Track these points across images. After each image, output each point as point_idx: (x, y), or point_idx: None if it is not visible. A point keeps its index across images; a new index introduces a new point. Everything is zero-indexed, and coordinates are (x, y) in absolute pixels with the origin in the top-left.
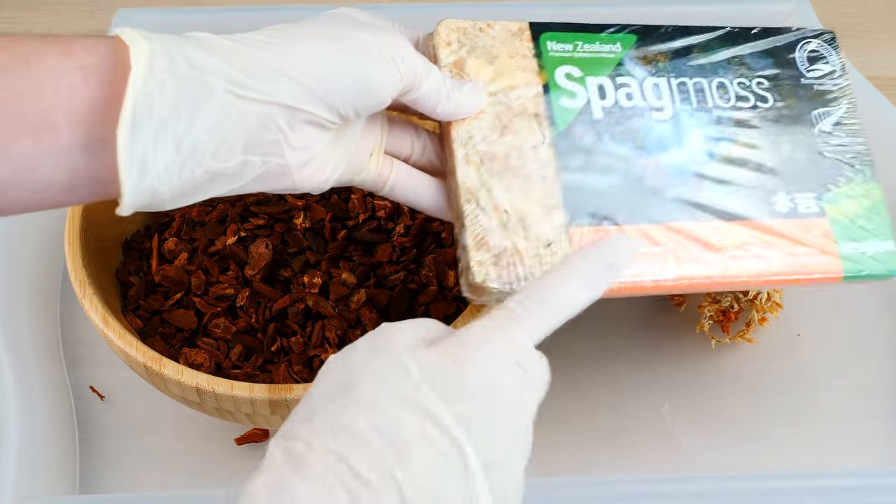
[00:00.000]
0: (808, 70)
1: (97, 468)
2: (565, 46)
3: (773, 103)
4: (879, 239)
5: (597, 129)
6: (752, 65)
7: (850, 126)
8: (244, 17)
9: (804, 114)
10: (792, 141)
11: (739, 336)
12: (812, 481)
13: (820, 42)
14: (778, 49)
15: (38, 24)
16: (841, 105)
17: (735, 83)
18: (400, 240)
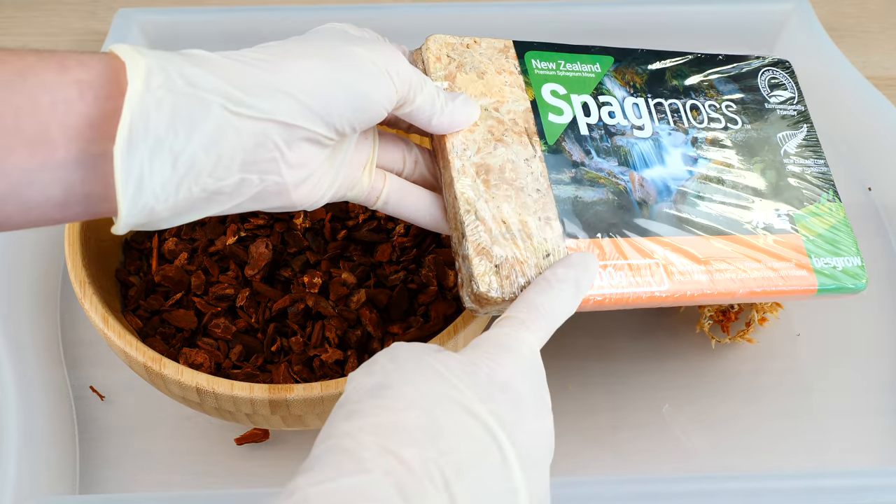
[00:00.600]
0: (770, 95)
1: (97, 468)
2: (549, 65)
3: (741, 125)
4: (847, 255)
5: (584, 145)
6: (720, 89)
7: (811, 148)
8: (244, 17)
9: (771, 136)
10: (762, 161)
11: (739, 336)
12: (812, 481)
13: (778, 70)
14: (741, 75)
15: (38, 24)
16: (802, 129)
17: (707, 105)
18: (400, 240)
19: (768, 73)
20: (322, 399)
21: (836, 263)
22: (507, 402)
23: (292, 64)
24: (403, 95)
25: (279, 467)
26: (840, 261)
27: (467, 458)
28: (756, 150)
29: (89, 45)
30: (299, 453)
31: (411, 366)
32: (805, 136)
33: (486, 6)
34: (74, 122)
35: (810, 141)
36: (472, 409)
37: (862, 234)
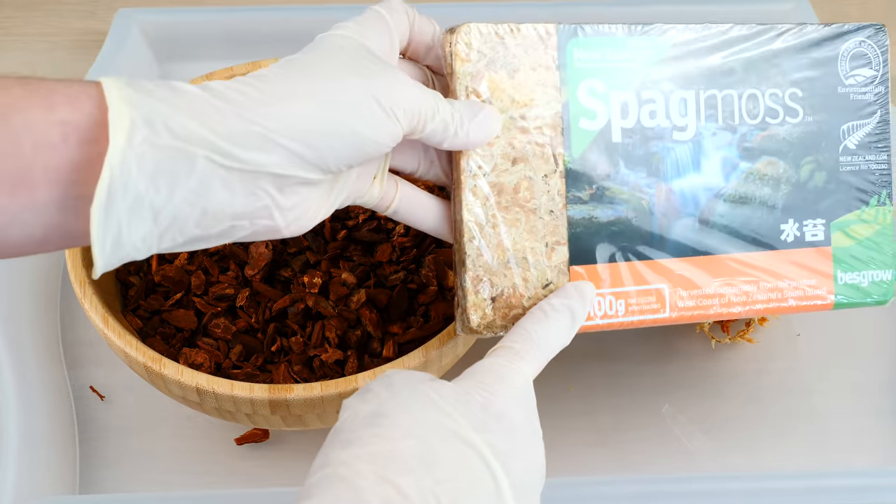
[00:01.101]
0: (848, 76)
1: (97, 468)
2: (593, 55)
3: (802, 117)
4: (880, 268)
5: (612, 155)
6: (787, 69)
7: (876, 142)
8: (244, 17)
9: (833, 129)
10: (814, 161)
11: (739, 336)
12: (812, 481)
13: (869, 41)
14: (821, 44)
15: (38, 24)
16: (873, 118)
17: (767, 94)
18: (400, 240)
19: (854, 44)
20: (322, 399)
21: (863, 279)
22: (502, 431)
23: (285, 108)
24: (411, 129)
25: (279, 467)
26: (869, 274)
27: (463, 487)
28: (811, 147)
29: (89, 45)
30: (299, 453)
31: (407, 394)
32: (875, 127)
33: (486, 6)
34: (57, 164)
35: (879, 132)
36: (468, 438)
37: None
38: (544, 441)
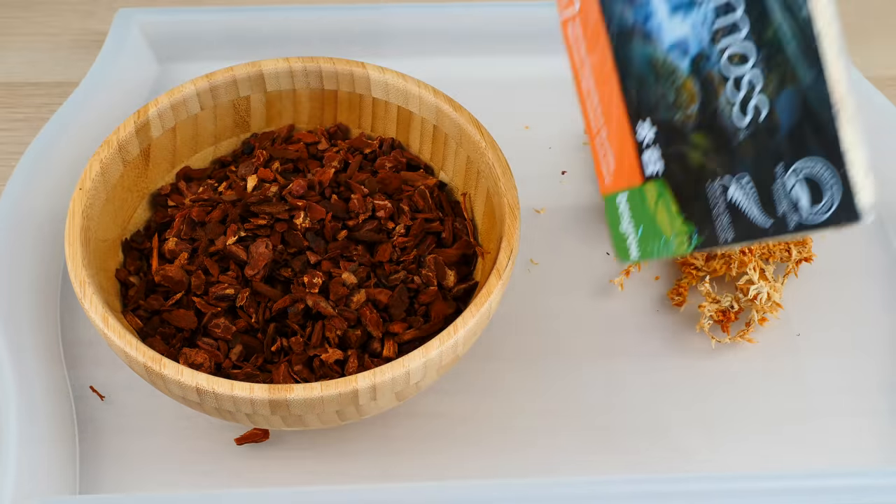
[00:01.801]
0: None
1: (97, 468)
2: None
3: (744, 126)
4: (633, 226)
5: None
6: (778, 99)
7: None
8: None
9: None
10: (722, 151)
11: (739, 336)
12: (812, 481)
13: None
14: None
15: (38, 24)
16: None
17: (748, 76)
18: (400, 240)
19: (824, 182)
20: (322, 399)
21: (626, 225)
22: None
23: None
24: None
25: (279, 467)
26: (629, 226)
27: None
28: (720, 143)
29: (89, 45)
30: (299, 453)
31: None
32: None
33: (486, 6)
34: None
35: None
36: None
37: (862, 234)
38: (543, 441)
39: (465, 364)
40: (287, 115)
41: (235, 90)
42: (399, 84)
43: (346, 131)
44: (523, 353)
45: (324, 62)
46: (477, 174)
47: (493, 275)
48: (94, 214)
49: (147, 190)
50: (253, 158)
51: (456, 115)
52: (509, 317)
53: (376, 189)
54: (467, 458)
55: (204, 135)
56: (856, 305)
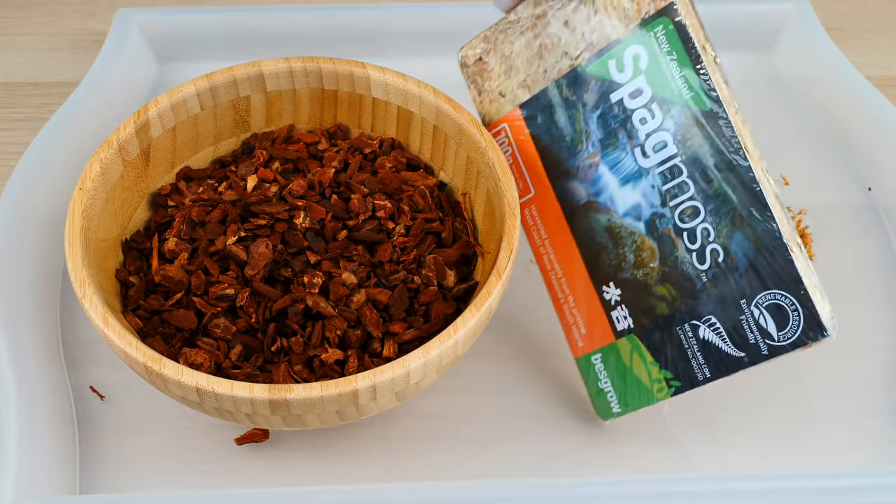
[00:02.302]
0: (757, 313)
1: (97, 468)
2: (664, 45)
3: (704, 269)
4: (618, 397)
5: (600, 101)
6: (731, 242)
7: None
8: (244, 17)
9: (698, 308)
10: (669, 295)
11: None
12: (811, 481)
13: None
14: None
15: (38, 24)
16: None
17: (701, 227)
18: (400, 240)
19: (787, 308)
20: (322, 399)
21: (605, 384)
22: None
23: None
24: None
25: (279, 467)
26: (609, 387)
27: None
28: (684, 289)
29: (89, 45)
30: (299, 453)
31: None
32: (729, 356)
33: (487, 6)
34: None
35: (727, 361)
36: None
37: (862, 234)
38: (543, 441)
39: (465, 364)
40: (287, 115)
41: (235, 90)
42: (399, 84)
43: (346, 131)
44: (523, 354)
45: (324, 62)
46: (477, 174)
47: (493, 275)
48: (94, 214)
49: (147, 190)
50: (253, 158)
51: (456, 115)
52: (509, 317)
53: (376, 189)
54: (467, 458)
55: (204, 135)
56: (855, 305)
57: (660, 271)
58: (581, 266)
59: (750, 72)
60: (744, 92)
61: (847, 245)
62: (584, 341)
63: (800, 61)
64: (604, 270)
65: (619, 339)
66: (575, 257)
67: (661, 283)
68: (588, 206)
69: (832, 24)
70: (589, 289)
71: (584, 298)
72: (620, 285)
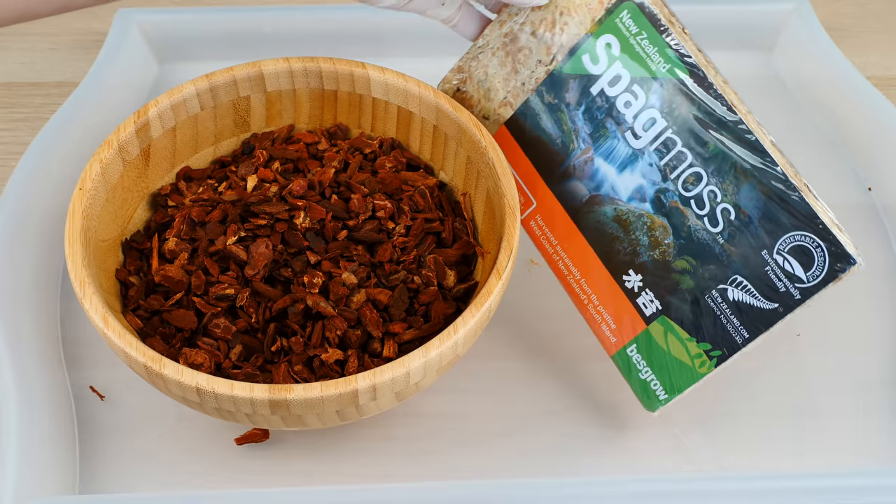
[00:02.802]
0: (781, 275)
1: (97, 468)
2: (632, 27)
3: (717, 234)
4: (664, 385)
5: (581, 97)
6: (739, 198)
7: (754, 320)
8: (244, 17)
9: (726, 271)
10: (693, 271)
11: None
12: (812, 481)
13: (819, 246)
14: (782, 213)
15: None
16: (770, 304)
17: (707, 191)
18: (400, 240)
19: (802, 239)
20: (322, 399)
21: (646, 374)
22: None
23: None
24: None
25: (279, 467)
26: (652, 376)
27: None
28: (700, 255)
29: (89, 45)
30: (299, 453)
31: None
32: (765, 310)
33: None
34: None
35: (762, 319)
36: None
37: (862, 234)
38: (544, 441)
39: (465, 364)
40: (287, 115)
41: (235, 90)
42: (399, 84)
43: (346, 131)
44: (523, 354)
45: (324, 62)
46: (477, 174)
47: (493, 275)
48: (94, 214)
49: (147, 190)
50: (253, 158)
51: (456, 115)
52: (509, 317)
53: (376, 189)
54: (467, 458)
55: (204, 135)
56: (856, 305)
57: (675, 245)
58: (597, 262)
59: (750, 72)
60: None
61: None
62: (616, 336)
63: (800, 61)
64: (620, 260)
65: (650, 324)
66: (589, 255)
67: (679, 257)
68: (592, 202)
69: (832, 24)
70: (610, 282)
71: (607, 293)
72: (640, 270)
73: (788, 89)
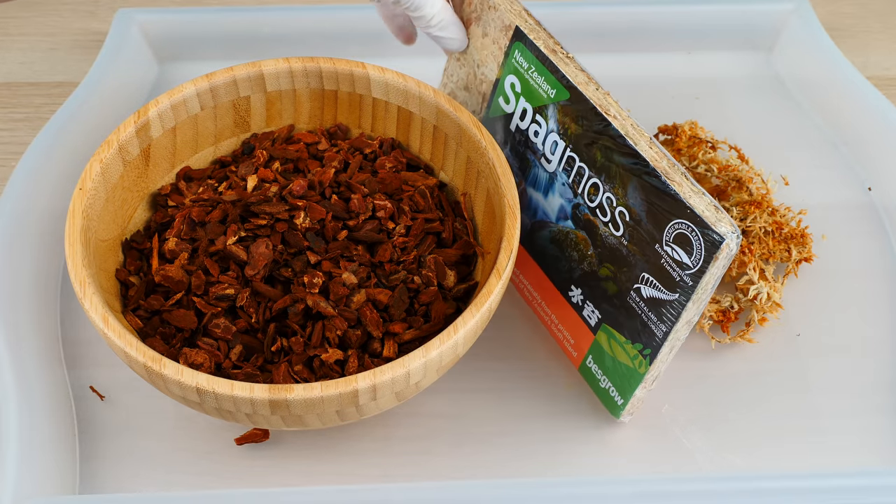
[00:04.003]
0: (673, 256)
1: (97, 468)
2: (524, 63)
3: (620, 235)
4: (618, 390)
5: (507, 136)
6: (631, 192)
7: (666, 310)
8: (244, 18)
9: (636, 268)
10: (613, 275)
11: (739, 336)
12: (812, 481)
13: (696, 231)
14: (662, 208)
15: (38, 24)
16: (673, 294)
17: (605, 197)
18: (400, 240)
19: (685, 233)
20: (322, 399)
21: (604, 382)
22: None
23: None
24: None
25: (279, 467)
26: (608, 384)
27: None
28: (613, 260)
29: (89, 45)
30: (299, 453)
31: None
32: (669, 299)
33: None
34: None
35: (671, 307)
36: None
37: (862, 234)
38: (544, 441)
39: (465, 364)
40: (287, 115)
41: (235, 90)
42: (399, 84)
43: (346, 131)
44: (523, 354)
45: (324, 62)
46: (477, 174)
47: (493, 275)
48: (94, 214)
49: (147, 190)
50: (253, 158)
51: (456, 115)
52: (509, 317)
53: (376, 189)
54: (467, 458)
55: (204, 135)
56: (856, 305)
57: (596, 255)
58: (548, 283)
59: (750, 72)
60: (744, 92)
61: (847, 245)
62: (577, 350)
63: (800, 61)
64: (563, 277)
65: (596, 333)
66: (541, 277)
67: (601, 266)
68: (533, 228)
69: (832, 24)
70: (560, 300)
71: (561, 311)
72: (579, 284)
73: (788, 89)
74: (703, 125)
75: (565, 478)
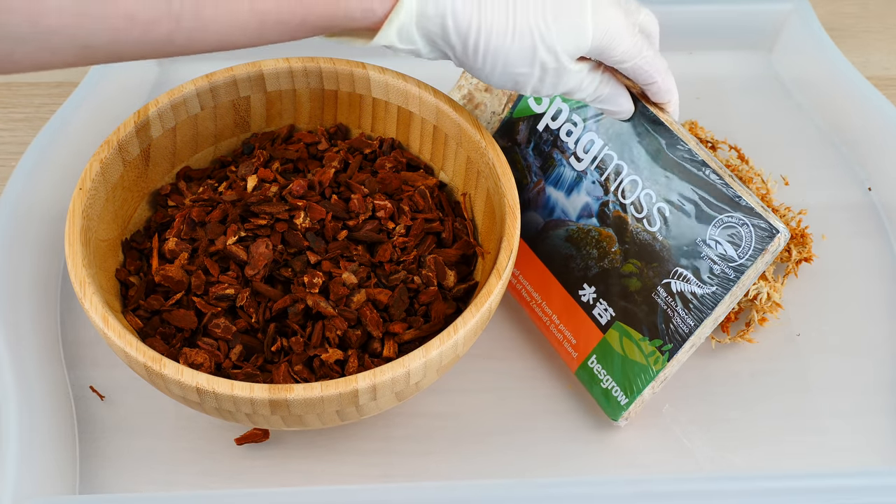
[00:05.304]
0: (717, 252)
1: (97, 468)
2: None
3: (657, 231)
4: (623, 391)
5: (531, 136)
6: (671, 194)
7: (697, 307)
8: None
9: (669, 263)
10: (639, 272)
11: (739, 336)
12: (812, 481)
13: (749, 225)
14: (710, 208)
15: None
16: (706, 287)
17: (643, 194)
18: (400, 240)
19: (737, 226)
20: (322, 399)
21: (607, 382)
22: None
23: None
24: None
25: (279, 467)
26: (612, 384)
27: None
28: (646, 257)
29: None
30: (299, 453)
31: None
32: (704, 294)
33: None
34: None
35: (703, 302)
36: None
37: (862, 234)
38: (544, 441)
39: (465, 364)
40: (287, 115)
41: (235, 90)
42: (399, 84)
43: (346, 131)
44: (523, 354)
45: (324, 62)
46: (477, 174)
47: (493, 275)
48: (94, 214)
49: (147, 190)
50: (253, 158)
51: (456, 115)
52: (509, 317)
53: (376, 189)
54: (468, 458)
55: (204, 135)
56: (856, 305)
57: (622, 252)
58: (555, 283)
59: (750, 72)
60: (744, 92)
61: (847, 245)
62: (577, 350)
63: (800, 61)
64: (575, 276)
65: (606, 332)
66: (548, 277)
67: (626, 262)
68: (546, 228)
69: (832, 24)
70: (567, 300)
71: (566, 311)
72: (593, 282)
73: (788, 89)
74: (704, 125)
75: (565, 478)
